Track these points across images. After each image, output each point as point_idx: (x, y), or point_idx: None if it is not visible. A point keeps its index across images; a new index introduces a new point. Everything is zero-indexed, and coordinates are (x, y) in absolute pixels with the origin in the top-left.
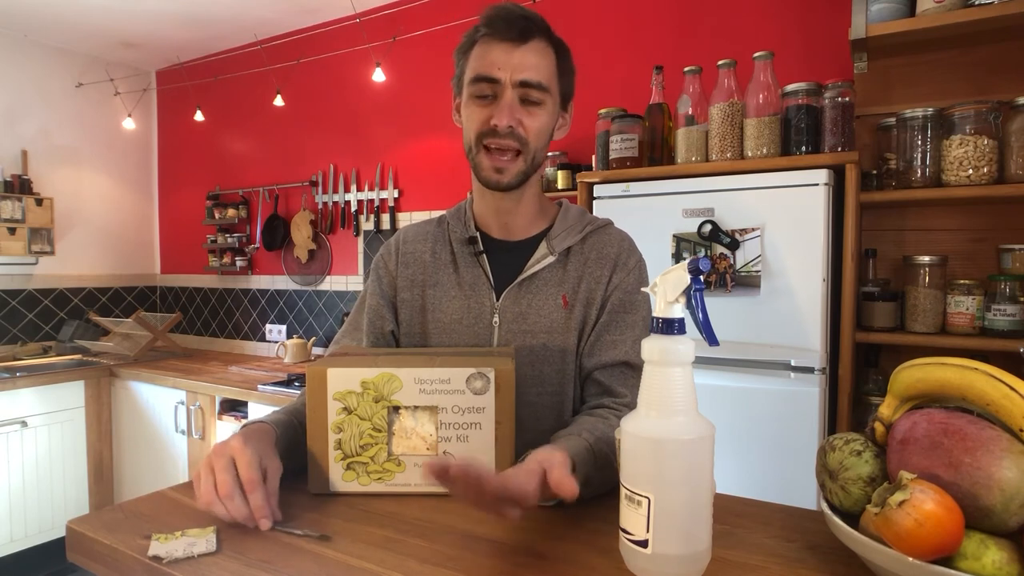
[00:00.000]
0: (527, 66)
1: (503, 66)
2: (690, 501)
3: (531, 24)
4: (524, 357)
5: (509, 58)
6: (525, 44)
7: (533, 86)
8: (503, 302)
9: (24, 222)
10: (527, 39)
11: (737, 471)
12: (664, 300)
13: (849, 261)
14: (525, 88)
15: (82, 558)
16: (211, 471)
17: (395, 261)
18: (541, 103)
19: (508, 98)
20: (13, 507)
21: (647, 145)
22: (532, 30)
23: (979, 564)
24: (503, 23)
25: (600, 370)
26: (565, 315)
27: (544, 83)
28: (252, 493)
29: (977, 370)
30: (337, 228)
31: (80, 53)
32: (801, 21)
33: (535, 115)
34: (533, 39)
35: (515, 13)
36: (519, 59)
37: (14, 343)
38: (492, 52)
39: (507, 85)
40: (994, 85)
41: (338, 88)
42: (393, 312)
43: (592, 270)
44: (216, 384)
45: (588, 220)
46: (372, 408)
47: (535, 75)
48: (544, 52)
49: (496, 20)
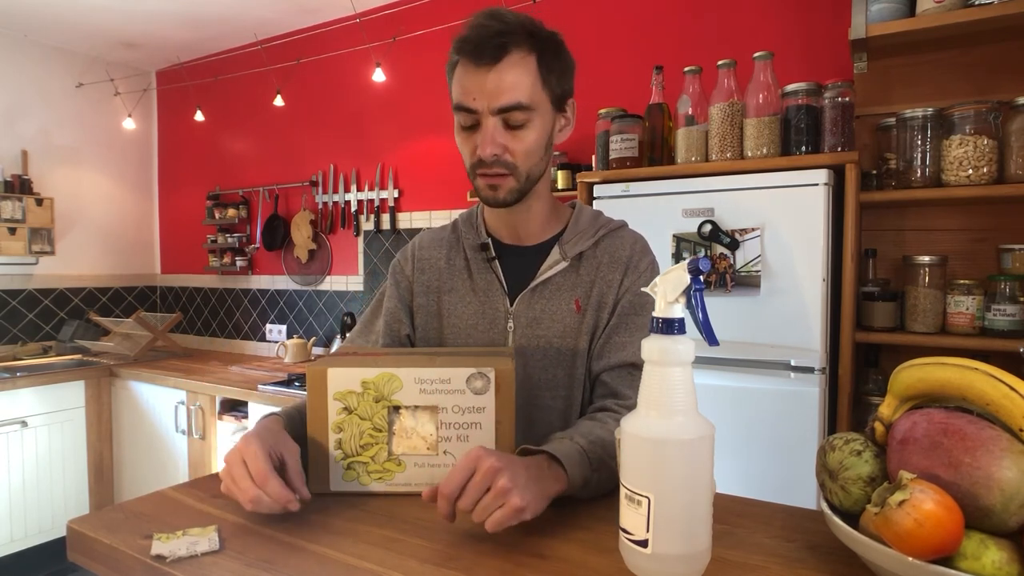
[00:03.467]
0: (503, 90)
1: (478, 94)
2: (690, 501)
3: (505, 40)
4: (537, 361)
5: (483, 84)
6: (499, 63)
7: (512, 109)
8: (517, 307)
9: (24, 222)
10: (500, 57)
11: (737, 471)
12: (664, 300)
13: (849, 261)
14: (505, 113)
15: (83, 558)
16: (231, 478)
17: (411, 267)
18: (526, 123)
19: (489, 128)
20: (13, 507)
21: (647, 145)
22: (506, 46)
23: (979, 564)
24: (473, 46)
25: (607, 372)
26: (578, 319)
27: (524, 102)
28: (265, 485)
29: (977, 370)
30: (337, 228)
31: (80, 53)
32: (801, 21)
33: (521, 138)
34: (508, 54)
35: (487, 31)
36: (494, 84)
37: (14, 343)
38: (466, 79)
39: (485, 113)
40: (994, 85)
41: (338, 88)
42: (410, 316)
43: (604, 274)
44: (216, 384)
45: (601, 223)
46: (372, 408)
47: (512, 97)
48: (522, 64)
49: (466, 44)
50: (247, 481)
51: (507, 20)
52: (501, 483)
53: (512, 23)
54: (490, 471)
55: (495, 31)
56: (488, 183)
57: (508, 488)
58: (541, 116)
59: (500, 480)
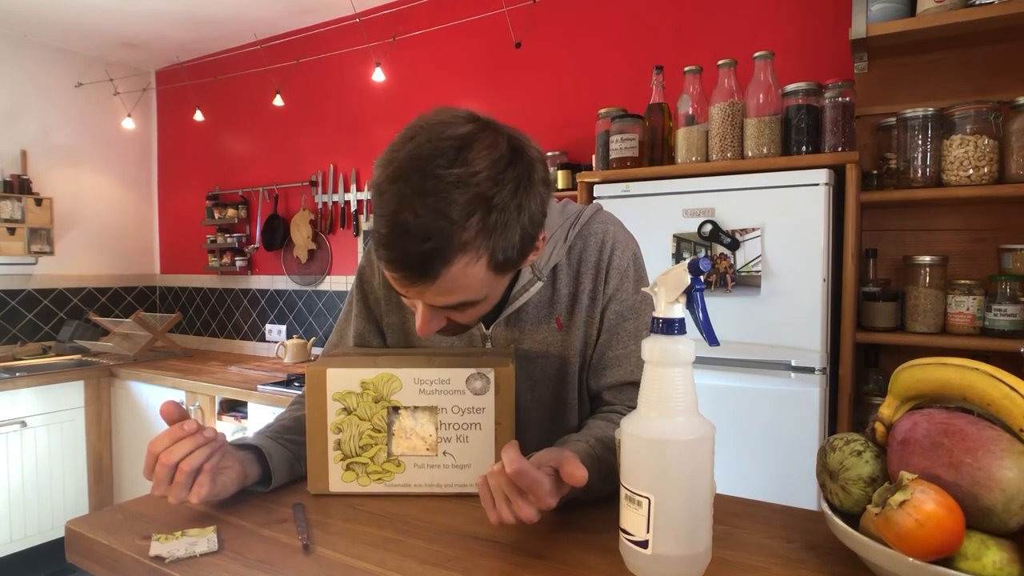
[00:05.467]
0: (443, 297)
1: (413, 297)
2: (690, 501)
3: (436, 258)
4: (522, 382)
5: (419, 295)
6: (435, 281)
7: (457, 307)
8: (494, 331)
9: (24, 222)
10: (435, 276)
11: (737, 471)
12: (664, 300)
13: (849, 261)
14: (447, 309)
15: (81, 559)
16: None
17: (379, 279)
18: (474, 305)
19: (424, 315)
20: (13, 507)
21: (647, 145)
22: (436, 266)
23: (979, 564)
24: (398, 267)
25: (608, 391)
26: (562, 337)
27: (471, 298)
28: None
29: (978, 370)
30: (337, 228)
31: (80, 53)
32: (801, 21)
33: (471, 315)
34: (445, 270)
35: (410, 253)
36: (430, 294)
37: (14, 343)
38: (395, 281)
39: (422, 304)
40: (994, 85)
41: (338, 88)
42: (380, 335)
43: (583, 283)
44: (216, 384)
45: (570, 219)
46: (372, 408)
47: (456, 299)
48: (466, 268)
49: (390, 263)
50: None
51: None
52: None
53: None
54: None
55: (419, 252)
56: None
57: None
58: (495, 289)
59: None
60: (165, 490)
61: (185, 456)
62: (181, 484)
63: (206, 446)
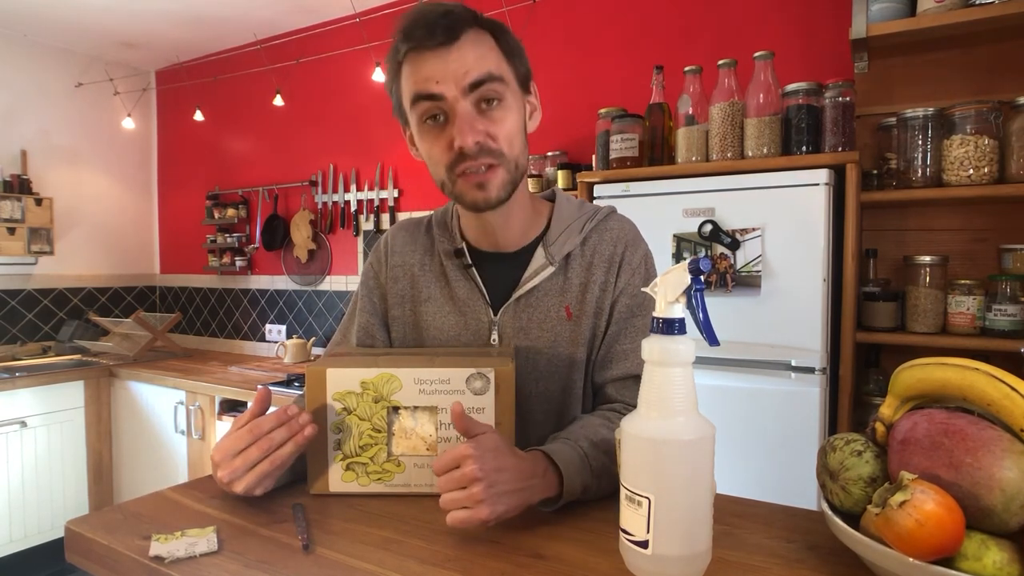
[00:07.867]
0: (470, 64)
1: (442, 78)
2: (691, 502)
3: (455, 19)
4: (528, 374)
5: (445, 66)
6: (457, 42)
7: (485, 82)
8: (501, 318)
9: (23, 222)
10: (456, 36)
11: (737, 471)
12: (664, 300)
13: (850, 261)
14: (478, 88)
15: (81, 559)
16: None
17: (385, 273)
18: (501, 98)
19: (463, 112)
20: (12, 507)
21: (647, 145)
22: (459, 25)
23: (980, 564)
24: (423, 30)
25: (611, 384)
26: (570, 327)
27: (496, 72)
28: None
29: (978, 370)
30: (337, 228)
31: (80, 53)
32: (801, 21)
33: (500, 119)
34: (464, 33)
35: (433, 13)
36: (457, 62)
37: (13, 343)
38: (424, 66)
39: (456, 97)
40: (994, 85)
41: (338, 88)
42: (385, 330)
43: (596, 275)
44: (216, 384)
45: (587, 214)
46: (372, 408)
47: (482, 68)
48: (481, 41)
49: (414, 29)
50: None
51: (449, 6)
52: (475, 491)
53: (456, 9)
54: (468, 476)
55: (442, 12)
56: (475, 182)
57: (480, 499)
58: (513, 94)
59: (475, 488)
60: (243, 475)
61: (280, 445)
62: (265, 472)
63: (300, 443)
